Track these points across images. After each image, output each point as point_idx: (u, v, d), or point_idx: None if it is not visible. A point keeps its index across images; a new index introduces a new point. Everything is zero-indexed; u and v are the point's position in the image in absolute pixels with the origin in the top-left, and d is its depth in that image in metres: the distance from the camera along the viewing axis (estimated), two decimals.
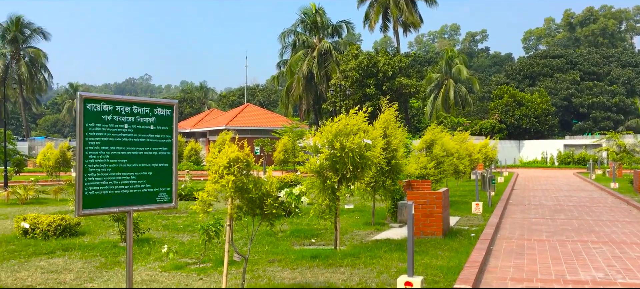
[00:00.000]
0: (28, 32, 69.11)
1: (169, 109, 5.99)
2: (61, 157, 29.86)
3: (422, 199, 11.96)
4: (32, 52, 69.68)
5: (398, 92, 58.46)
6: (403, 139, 14.35)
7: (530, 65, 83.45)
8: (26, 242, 11.40)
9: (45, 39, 70.32)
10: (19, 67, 67.68)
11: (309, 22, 64.21)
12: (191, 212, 16.34)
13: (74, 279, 8.35)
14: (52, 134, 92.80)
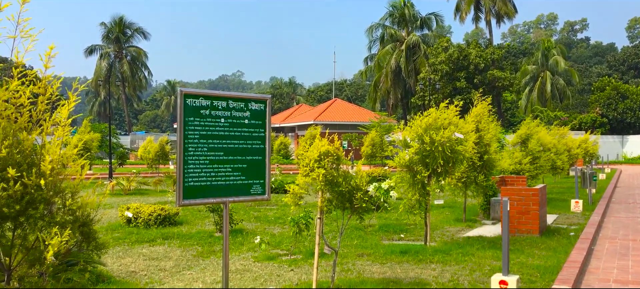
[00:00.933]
0: (129, 32, 73.35)
1: (263, 104, 6.14)
2: (160, 151, 31.46)
3: (517, 196, 11.52)
4: (134, 51, 73.89)
5: (490, 85, 56.62)
6: (496, 134, 13.89)
7: (635, 55, 78.03)
8: (129, 230, 12.11)
9: (145, 38, 74.40)
10: (121, 65, 72.03)
11: (397, 16, 63.59)
12: (281, 205, 16.69)
13: (173, 267, 8.78)
14: (152, 129, 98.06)
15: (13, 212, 3.42)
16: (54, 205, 3.67)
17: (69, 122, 3.77)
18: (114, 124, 78.66)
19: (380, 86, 62.74)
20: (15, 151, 3.60)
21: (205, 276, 8.14)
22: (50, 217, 3.59)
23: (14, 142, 3.62)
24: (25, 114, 3.70)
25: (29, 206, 3.48)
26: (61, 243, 3.49)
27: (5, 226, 3.57)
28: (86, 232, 3.79)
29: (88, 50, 71.94)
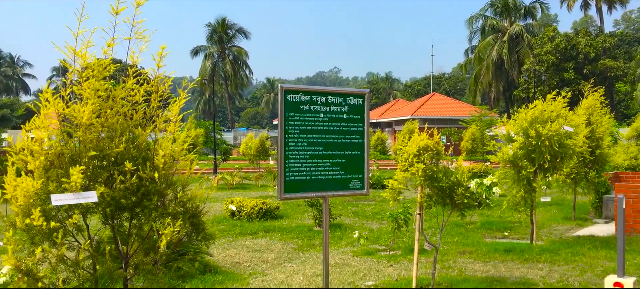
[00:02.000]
0: (232, 33, 76.10)
1: (361, 98, 6.13)
2: (261, 147, 32.37)
3: (634, 193, 10.72)
4: (236, 50, 76.57)
5: (602, 76, 53.07)
6: (609, 127, 13.00)
7: None
8: (233, 223, 12.58)
9: (247, 38, 76.83)
10: (224, 65, 74.92)
11: (499, 5, 61.18)
12: (379, 200, 16.64)
13: (274, 259, 9.02)
14: (253, 126, 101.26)
15: (130, 203, 3.65)
16: (166, 197, 3.88)
17: (180, 119, 3.97)
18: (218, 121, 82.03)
19: (481, 78, 60.72)
20: (131, 146, 3.85)
21: (306, 269, 8.28)
22: (163, 208, 3.80)
23: (130, 138, 3.87)
24: (139, 112, 3.94)
25: (143, 197, 3.71)
26: (173, 233, 3.69)
27: (123, 216, 3.82)
28: (195, 223, 3.98)
29: (194, 51, 75.44)
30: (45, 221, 3.39)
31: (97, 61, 3.67)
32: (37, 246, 3.46)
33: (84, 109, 3.56)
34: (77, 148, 3.65)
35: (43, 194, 3.46)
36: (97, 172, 3.63)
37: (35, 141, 3.55)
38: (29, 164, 3.55)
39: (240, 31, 77.08)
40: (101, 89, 3.64)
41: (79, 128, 3.64)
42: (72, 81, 3.68)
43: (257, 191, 20.60)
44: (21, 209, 3.47)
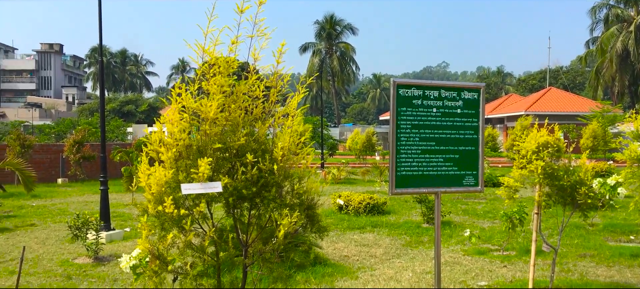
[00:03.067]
0: (339, 29, 76.84)
1: (476, 93, 5.96)
2: (367, 142, 32.48)
3: None
4: (343, 46, 77.24)
5: None
6: None
7: None
8: (341, 217, 12.73)
9: (354, 34, 77.28)
10: (332, 61, 75.84)
11: None
12: (490, 199, 16.10)
13: (382, 254, 9.02)
14: (359, 121, 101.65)
15: (250, 194, 3.82)
16: (283, 189, 4.01)
17: (298, 113, 4.09)
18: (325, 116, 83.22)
19: (603, 72, 56.71)
20: (251, 139, 4.02)
21: (415, 266, 8.21)
22: (281, 199, 3.93)
23: (250, 131, 4.05)
24: (259, 106, 4.10)
25: (262, 188, 3.86)
26: (290, 224, 3.81)
27: (243, 206, 4.00)
28: (310, 215, 4.08)
29: (302, 47, 77.00)
30: (176, 208, 3.63)
31: (223, 58, 3.87)
32: (167, 232, 3.71)
33: (210, 104, 3.77)
34: (203, 141, 3.87)
35: (173, 183, 3.71)
36: (221, 164, 3.82)
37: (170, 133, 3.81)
38: (162, 155, 3.82)
39: (347, 27, 77.62)
40: (225, 85, 3.83)
41: (205, 122, 3.86)
42: (200, 77, 3.90)
43: (364, 186, 20.67)
44: (154, 197, 3.74)
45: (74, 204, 15.52)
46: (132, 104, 65.65)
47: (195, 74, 3.95)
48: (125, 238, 10.52)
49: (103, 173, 11.04)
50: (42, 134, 35.53)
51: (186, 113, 3.83)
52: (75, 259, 8.71)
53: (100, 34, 11.32)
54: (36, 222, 12.24)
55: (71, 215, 11.51)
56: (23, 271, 7.91)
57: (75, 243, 9.53)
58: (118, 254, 9.03)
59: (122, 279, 7.59)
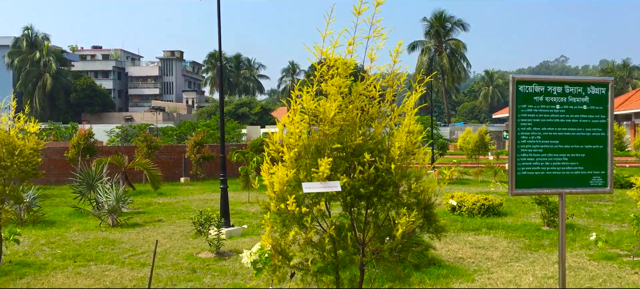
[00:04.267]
0: (449, 26, 75.13)
1: (604, 88, 5.59)
2: (479, 141, 31.47)
3: None
4: (453, 43, 75.43)
5: None
6: None
7: None
8: (454, 218, 12.45)
9: (464, 29, 75.22)
10: (441, 58, 74.33)
11: None
12: (618, 201, 15.01)
13: (500, 257, 8.71)
14: (470, 120, 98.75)
15: (367, 193, 3.86)
16: (400, 188, 4.02)
17: (415, 112, 4.07)
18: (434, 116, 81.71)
19: None
20: (367, 138, 4.06)
21: (535, 270, 7.85)
22: (398, 199, 3.94)
23: (367, 131, 4.09)
24: (375, 106, 4.14)
25: (380, 187, 3.89)
26: (408, 223, 3.80)
27: (361, 205, 4.06)
28: (428, 214, 4.05)
29: (411, 46, 76.15)
30: (297, 206, 3.76)
31: (341, 60, 3.95)
32: (288, 229, 3.85)
33: (329, 105, 3.86)
34: (322, 141, 3.97)
35: (293, 182, 3.84)
36: (338, 163, 3.90)
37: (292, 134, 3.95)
38: (284, 155, 3.97)
39: (457, 24, 75.76)
40: (343, 86, 3.91)
41: (323, 122, 3.95)
42: (318, 78, 4.00)
43: (477, 186, 20.06)
44: (276, 195, 3.89)
45: (195, 201, 16.46)
46: (246, 106, 68.36)
47: (305, 76, 4.07)
48: (244, 235, 10.99)
49: (223, 172, 11.62)
50: (165, 136, 38.02)
51: (306, 114, 3.95)
52: (199, 253, 9.24)
53: (219, 41, 11.93)
54: (163, 218, 13.12)
55: (194, 212, 12.22)
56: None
57: (198, 239, 10.12)
58: (238, 250, 9.46)
59: (242, 273, 7.94)
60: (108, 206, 12.01)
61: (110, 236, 10.72)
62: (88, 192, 14.08)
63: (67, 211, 13.75)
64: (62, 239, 10.48)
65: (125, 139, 40.33)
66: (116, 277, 7.75)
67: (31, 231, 11.02)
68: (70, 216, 13.10)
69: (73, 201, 14.62)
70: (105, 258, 8.89)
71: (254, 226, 11.93)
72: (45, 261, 8.71)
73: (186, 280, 7.64)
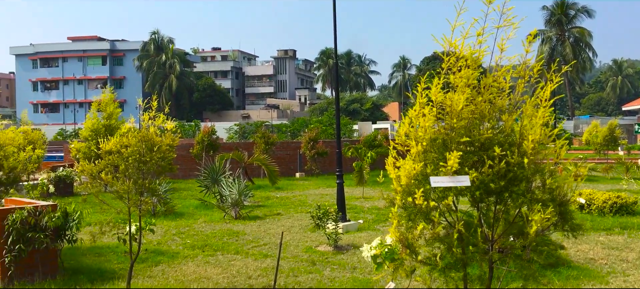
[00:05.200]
0: (572, 13, 70.61)
1: None
2: (609, 135, 29.32)
3: None
4: (577, 31, 70.82)
5: None
6: None
7: None
8: (582, 216, 11.70)
9: (590, 16, 70.35)
10: (563, 48, 70.04)
11: None
12: None
13: (636, 259, 8.09)
14: (596, 113, 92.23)
15: (498, 188, 3.74)
16: (532, 183, 3.84)
17: (550, 104, 3.87)
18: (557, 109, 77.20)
19: None
20: (496, 131, 3.93)
21: None
22: (531, 194, 3.77)
23: (496, 124, 3.96)
24: (504, 97, 3.99)
25: (511, 183, 3.75)
26: (543, 220, 3.63)
27: (490, 200, 3.93)
28: (563, 212, 3.84)
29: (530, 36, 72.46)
30: (425, 200, 3.72)
31: (470, 51, 3.85)
32: (415, 223, 3.83)
33: (458, 98, 3.78)
34: (449, 134, 3.90)
35: (420, 176, 3.81)
36: (466, 157, 3.81)
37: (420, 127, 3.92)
38: (412, 149, 3.94)
39: (582, 10, 71.05)
40: (472, 77, 3.81)
41: (450, 115, 3.88)
42: (446, 70, 3.93)
43: (607, 184, 18.71)
44: (402, 189, 3.88)
45: (311, 196, 16.83)
46: (357, 102, 68.72)
47: (417, 71, 4.01)
48: (360, 229, 11.07)
49: (339, 168, 11.78)
50: (280, 132, 39.26)
51: (434, 107, 3.89)
52: (318, 246, 9.44)
53: (335, 40, 12.08)
54: (281, 212, 13.56)
55: (311, 206, 12.50)
56: (274, 255, 8.82)
57: (316, 232, 10.34)
58: (355, 244, 9.55)
59: (360, 267, 8.01)
60: (231, 199, 12.61)
61: (234, 228, 11.25)
62: (212, 186, 14.87)
63: (194, 203, 14.61)
64: (190, 229, 11.15)
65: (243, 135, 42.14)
66: (242, 266, 8.12)
67: (163, 221, 11.83)
68: (197, 208, 13.91)
69: (199, 194, 15.50)
70: (230, 248, 9.35)
71: (370, 221, 11.98)
72: (177, 250, 9.33)
73: (306, 272, 7.84)
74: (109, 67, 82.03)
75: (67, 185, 17.26)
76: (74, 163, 20.05)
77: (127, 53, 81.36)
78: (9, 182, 9.45)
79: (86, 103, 76.96)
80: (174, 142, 6.85)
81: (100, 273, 7.73)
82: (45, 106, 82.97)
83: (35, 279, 7.12)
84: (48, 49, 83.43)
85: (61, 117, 79.29)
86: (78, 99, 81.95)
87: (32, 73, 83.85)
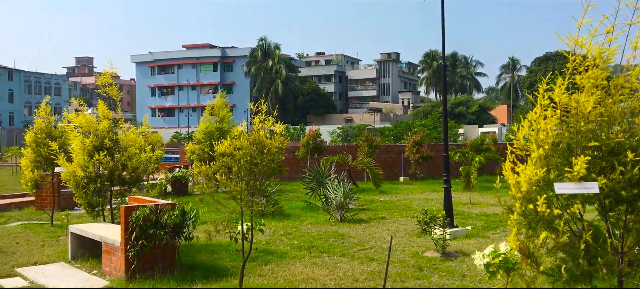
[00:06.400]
0: None
1: None
2: None
3: None
4: None
5: None
6: None
7: None
8: None
9: None
10: None
11: None
12: None
13: None
14: None
15: (630, 196, 3.46)
16: None
17: None
18: None
19: None
20: (627, 135, 3.64)
21: None
22: None
23: (626, 127, 3.66)
24: (637, 99, 3.69)
25: None
26: None
27: (620, 209, 3.65)
28: None
29: None
30: (547, 208, 3.52)
31: (599, 50, 3.60)
32: (536, 232, 3.63)
33: (585, 99, 3.55)
34: (574, 138, 3.67)
35: (542, 182, 3.61)
36: (594, 163, 3.56)
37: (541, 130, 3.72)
38: (532, 153, 3.75)
39: None
40: (600, 78, 3.56)
41: (576, 118, 3.64)
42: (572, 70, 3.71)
43: None
44: (522, 195, 3.69)
45: (416, 200, 16.59)
46: (462, 105, 66.99)
47: (527, 72, 3.78)
48: (468, 236, 10.74)
49: (446, 172, 11.51)
50: (383, 136, 39.05)
51: (558, 109, 3.68)
52: (424, 252, 9.27)
53: (443, 41, 11.83)
54: (386, 216, 13.47)
55: (416, 211, 12.32)
56: (380, 259, 8.79)
57: (423, 237, 10.16)
58: (463, 251, 9.27)
59: (470, 275, 7.76)
60: (336, 201, 12.72)
61: (339, 230, 11.33)
62: (317, 189, 15.08)
63: (300, 205, 14.89)
64: (297, 230, 11.37)
65: (346, 139, 42.43)
66: (348, 269, 8.15)
67: (271, 222, 12.15)
68: (303, 210, 14.16)
69: (304, 196, 15.78)
70: (336, 251, 9.42)
71: (478, 228, 11.60)
72: (285, 250, 9.54)
73: (414, 278, 7.72)
74: (219, 73, 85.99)
75: (182, 185, 18.25)
76: (188, 164, 21.19)
77: (236, 59, 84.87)
78: (132, 181, 10.11)
79: (199, 107, 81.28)
80: (283, 145, 7.01)
81: (214, 269, 8.07)
82: (162, 111, 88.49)
83: (155, 273, 7.57)
84: (165, 56, 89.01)
85: (176, 121, 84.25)
86: (191, 103, 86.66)
87: (150, 79, 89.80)
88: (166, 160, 25.29)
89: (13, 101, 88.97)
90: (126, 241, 7.46)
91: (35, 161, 12.19)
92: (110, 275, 7.85)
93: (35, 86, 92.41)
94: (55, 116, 13.76)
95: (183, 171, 18.51)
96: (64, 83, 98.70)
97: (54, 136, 12.14)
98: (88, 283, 7.61)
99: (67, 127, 11.20)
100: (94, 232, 8.48)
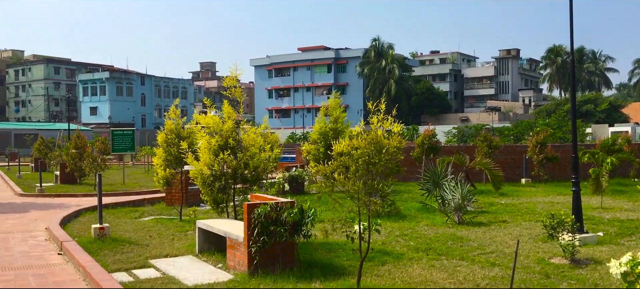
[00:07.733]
0: None
1: None
2: None
3: None
4: None
5: None
6: None
7: None
8: None
9: None
10: None
11: None
12: None
13: None
14: None
15: None
16: None
17: None
18: None
19: None
20: None
21: None
22: None
23: None
24: None
25: None
26: None
27: None
28: None
29: None
30: None
31: None
32: None
33: None
34: None
35: None
36: None
37: None
38: None
39: None
40: None
41: None
42: None
43: None
44: None
45: (540, 204, 15.72)
46: (590, 103, 62.72)
47: None
48: (599, 243, 9.99)
49: (575, 174, 10.79)
50: (502, 136, 37.42)
51: None
52: (551, 258, 8.75)
53: (571, 35, 11.10)
54: (507, 219, 12.88)
55: (540, 215, 11.68)
56: (502, 264, 8.41)
57: (549, 243, 9.59)
58: (595, 258, 8.64)
59: (602, 284, 7.21)
60: (454, 203, 12.37)
61: (458, 233, 11.00)
62: (434, 190, 14.77)
63: (416, 206, 14.67)
64: (413, 232, 11.20)
65: (461, 139, 41.23)
66: (468, 273, 7.88)
67: (386, 222, 12.06)
68: (419, 211, 13.93)
69: (420, 197, 15.51)
70: (454, 254, 9.15)
71: (611, 235, 10.75)
72: (401, 251, 9.43)
73: (540, 285, 7.31)
74: (333, 74, 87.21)
75: (299, 184, 18.70)
76: (304, 164, 21.65)
77: (350, 60, 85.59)
78: (253, 180, 10.49)
79: (313, 108, 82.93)
80: (401, 145, 6.93)
81: (332, 268, 8.16)
82: (278, 112, 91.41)
83: (276, 269, 7.79)
84: (281, 59, 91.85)
85: (291, 122, 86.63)
86: (306, 104, 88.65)
87: (267, 82, 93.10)
88: (283, 160, 26.03)
89: (145, 104, 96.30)
90: (249, 237, 7.75)
91: (166, 160, 13.03)
92: (234, 269, 8.19)
93: (164, 90, 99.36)
94: (184, 118, 14.60)
95: (299, 170, 18.94)
96: (189, 87, 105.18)
97: (182, 137, 12.91)
98: (214, 275, 8.00)
99: (194, 128, 11.88)
100: (219, 227, 8.91)
